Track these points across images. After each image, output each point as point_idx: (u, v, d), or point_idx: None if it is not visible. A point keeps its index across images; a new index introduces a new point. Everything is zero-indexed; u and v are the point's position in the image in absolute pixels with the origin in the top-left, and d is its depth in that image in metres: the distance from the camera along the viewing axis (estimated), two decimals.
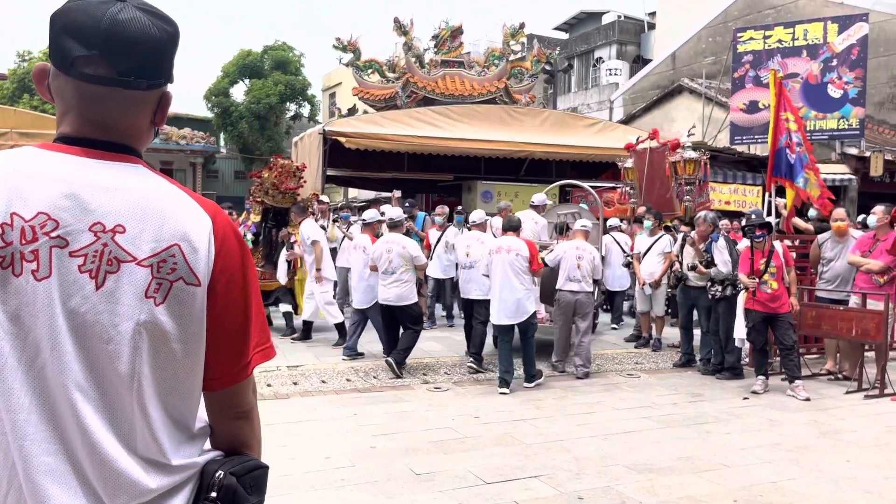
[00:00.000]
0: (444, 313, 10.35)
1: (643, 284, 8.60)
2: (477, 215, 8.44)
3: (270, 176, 8.92)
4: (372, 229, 7.98)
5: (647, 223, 8.78)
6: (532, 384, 6.75)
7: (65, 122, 1.20)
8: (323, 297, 8.34)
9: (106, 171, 1.16)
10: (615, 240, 9.88)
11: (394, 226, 7.39)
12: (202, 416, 1.28)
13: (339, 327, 8.37)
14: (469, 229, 8.65)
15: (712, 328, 7.42)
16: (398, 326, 7.30)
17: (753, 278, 6.66)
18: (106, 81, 1.16)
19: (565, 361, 7.46)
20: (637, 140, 10.46)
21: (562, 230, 8.97)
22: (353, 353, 7.65)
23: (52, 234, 1.10)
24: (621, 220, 10.65)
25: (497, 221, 9.11)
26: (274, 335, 8.96)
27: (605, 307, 10.56)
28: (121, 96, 1.18)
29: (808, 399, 6.37)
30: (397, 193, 11.48)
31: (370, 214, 8.21)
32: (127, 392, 1.12)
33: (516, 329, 6.74)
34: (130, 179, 1.18)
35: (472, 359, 7.33)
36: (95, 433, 1.10)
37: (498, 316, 6.75)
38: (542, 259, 7.21)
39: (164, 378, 1.16)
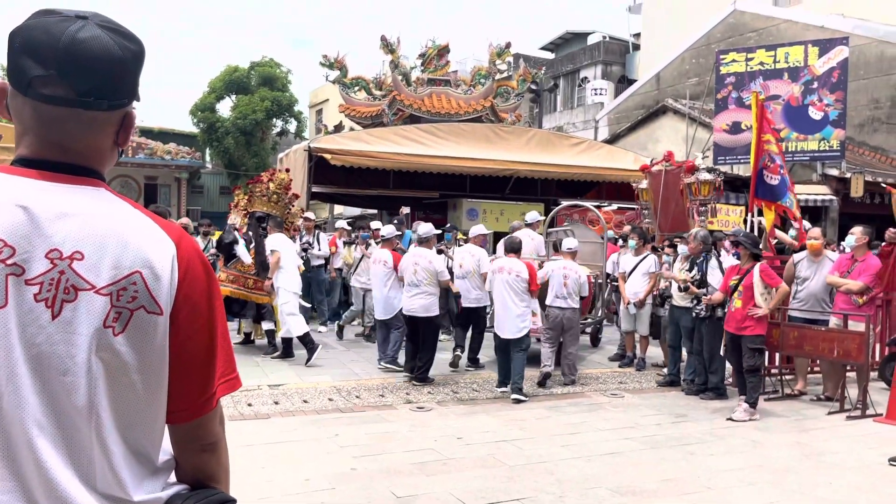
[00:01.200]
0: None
1: (628, 304, 8.61)
2: (474, 230, 8.87)
3: (274, 183, 9.10)
4: (391, 244, 8.34)
5: (632, 243, 8.81)
6: (516, 395, 6.90)
7: (23, 143, 1.16)
8: (284, 307, 8.36)
9: (65, 196, 1.12)
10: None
11: (422, 241, 7.77)
12: (167, 449, 1.23)
13: (303, 340, 8.28)
14: (460, 244, 8.92)
15: (696, 348, 7.42)
16: (418, 339, 7.60)
17: (719, 294, 6.92)
18: (64, 102, 1.12)
19: (552, 369, 7.75)
20: (651, 162, 10.82)
21: (556, 247, 9.18)
22: (393, 364, 8.08)
23: (9, 262, 1.05)
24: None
25: (524, 238, 9.47)
26: (255, 354, 8.89)
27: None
28: (81, 118, 1.14)
29: (747, 420, 6.33)
30: (405, 210, 11.41)
31: (388, 230, 8.46)
32: (85, 425, 1.08)
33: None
34: (90, 204, 1.14)
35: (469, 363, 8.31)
36: (52, 469, 1.05)
37: (498, 330, 7.25)
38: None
39: (124, 410, 1.12)
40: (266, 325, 8.92)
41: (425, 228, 7.89)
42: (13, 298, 1.05)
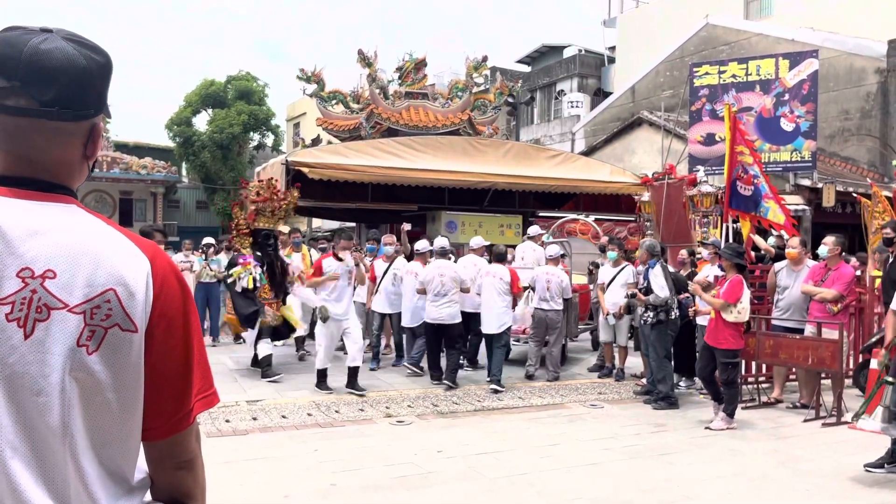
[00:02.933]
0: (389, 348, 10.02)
1: (607, 314, 8.67)
2: (475, 242, 9.40)
3: (287, 202, 8.75)
4: (424, 258, 8.80)
5: (612, 254, 8.87)
6: (494, 385, 7.86)
7: None
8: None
9: (35, 213, 1.11)
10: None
11: (442, 254, 8.33)
12: (142, 467, 1.22)
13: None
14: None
15: (651, 355, 7.48)
16: (440, 347, 8.24)
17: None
18: (28, 112, 1.11)
19: (537, 367, 8.69)
20: (653, 175, 11.23)
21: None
22: (416, 366, 8.59)
23: None
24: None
25: (527, 250, 10.08)
26: (254, 373, 8.72)
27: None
28: (46, 129, 1.13)
29: (724, 429, 6.38)
30: (407, 227, 11.24)
31: (422, 245, 8.93)
32: (59, 446, 1.06)
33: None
34: (62, 221, 1.12)
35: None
36: (26, 491, 1.03)
37: (486, 326, 8.24)
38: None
39: (98, 429, 1.10)
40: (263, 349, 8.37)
41: (442, 242, 8.55)
42: None
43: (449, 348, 8.13)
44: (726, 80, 15.85)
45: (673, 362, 8.62)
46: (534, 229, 10.83)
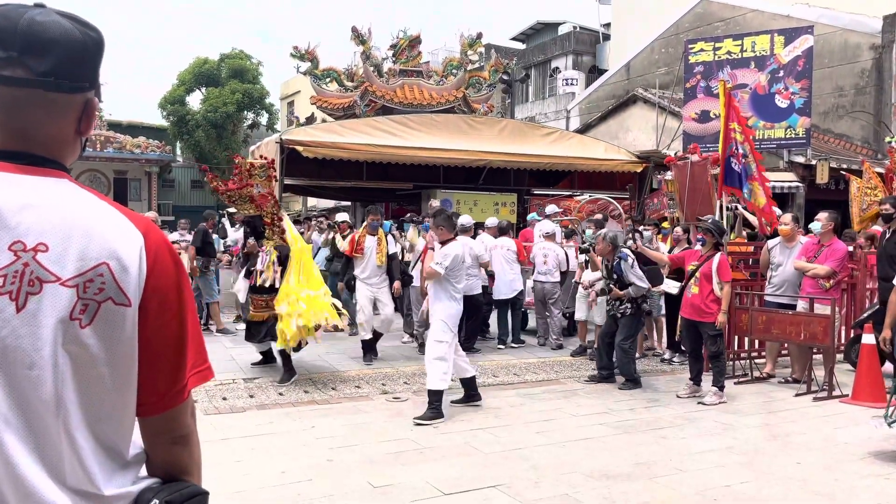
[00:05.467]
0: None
1: (587, 289, 8.55)
2: (491, 222, 9.98)
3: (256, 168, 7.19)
4: (507, 233, 9.81)
5: (589, 232, 9.02)
6: (513, 344, 9.33)
7: None
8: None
9: (28, 187, 1.11)
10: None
11: (464, 231, 8.48)
12: (137, 442, 1.23)
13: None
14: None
15: (611, 336, 7.30)
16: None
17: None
18: (24, 83, 1.11)
19: (546, 337, 9.54)
20: (676, 154, 11.27)
21: (569, 235, 10.30)
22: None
23: None
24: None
25: (545, 226, 10.20)
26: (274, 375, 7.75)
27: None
28: (42, 100, 1.13)
29: (717, 404, 6.45)
30: (435, 202, 11.17)
31: (466, 220, 8.94)
32: (53, 420, 1.07)
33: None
34: (54, 195, 1.13)
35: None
36: (20, 465, 1.04)
37: (498, 293, 9.25)
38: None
39: (92, 404, 1.11)
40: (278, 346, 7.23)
41: (467, 219, 8.95)
42: None
43: (468, 319, 8.25)
44: (721, 57, 15.78)
45: (666, 339, 8.69)
46: (551, 208, 11.83)
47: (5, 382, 1.05)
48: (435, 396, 5.89)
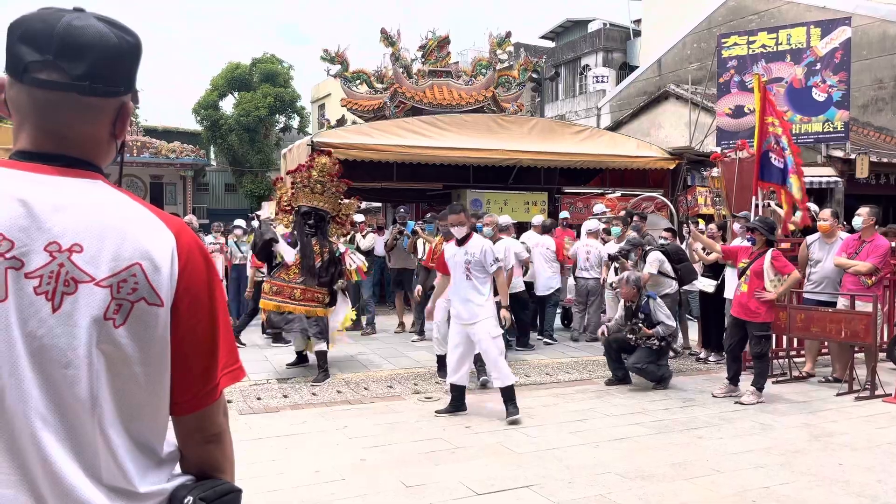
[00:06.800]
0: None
1: (610, 285, 8.70)
2: (503, 220, 9.49)
3: (316, 170, 7.51)
4: (552, 233, 9.99)
5: (616, 229, 9.22)
6: (547, 340, 9.47)
7: (21, 136, 1.17)
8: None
9: (63, 188, 1.13)
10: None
11: (504, 230, 8.87)
12: (171, 440, 1.24)
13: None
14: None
15: (618, 343, 7.21)
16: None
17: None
18: (60, 87, 1.13)
19: (581, 332, 9.81)
20: (722, 151, 11.23)
21: (608, 232, 10.20)
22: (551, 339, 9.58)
23: (7, 255, 1.06)
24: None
25: (591, 224, 10.26)
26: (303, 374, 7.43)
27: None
28: (76, 104, 1.15)
29: (755, 403, 6.33)
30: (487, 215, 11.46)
31: (505, 220, 9.24)
32: (88, 418, 1.08)
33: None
34: (89, 196, 1.14)
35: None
36: (57, 462, 1.05)
37: (538, 289, 9.46)
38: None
39: (126, 402, 1.12)
40: (318, 346, 7.27)
41: (505, 218, 9.28)
42: (13, 292, 1.06)
43: (517, 318, 8.26)
44: (755, 51, 15.49)
45: (701, 337, 8.58)
46: (599, 207, 12.21)
47: (42, 381, 1.06)
48: (510, 392, 5.92)
